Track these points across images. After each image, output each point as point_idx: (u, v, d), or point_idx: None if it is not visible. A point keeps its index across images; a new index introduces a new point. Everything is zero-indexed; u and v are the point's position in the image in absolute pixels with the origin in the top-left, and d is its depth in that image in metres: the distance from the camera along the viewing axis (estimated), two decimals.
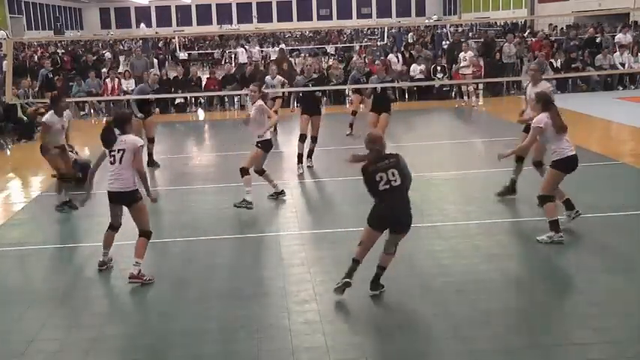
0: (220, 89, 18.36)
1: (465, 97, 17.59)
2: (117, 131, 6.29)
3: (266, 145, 8.40)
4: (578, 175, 7.55)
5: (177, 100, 18.42)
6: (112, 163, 6.18)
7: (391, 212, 5.53)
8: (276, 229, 7.65)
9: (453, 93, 18.94)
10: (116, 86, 18.55)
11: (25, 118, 14.78)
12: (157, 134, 15.85)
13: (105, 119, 17.52)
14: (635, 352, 4.66)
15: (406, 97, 19.27)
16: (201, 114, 18.52)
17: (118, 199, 6.26)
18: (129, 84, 18.72)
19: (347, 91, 17.99)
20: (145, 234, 6.21)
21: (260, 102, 8.43)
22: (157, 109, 12.14)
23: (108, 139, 6.20)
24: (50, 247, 7.39)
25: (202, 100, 18.98)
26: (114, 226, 6.46)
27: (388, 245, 5.71)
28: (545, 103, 6.84)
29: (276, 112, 14.38)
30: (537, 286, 5.80)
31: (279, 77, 14.49)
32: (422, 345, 4.79)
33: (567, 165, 6.77)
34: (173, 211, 8.57)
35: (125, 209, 6.36)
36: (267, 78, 14.13)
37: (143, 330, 5.27)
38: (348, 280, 5.58)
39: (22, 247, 7.50)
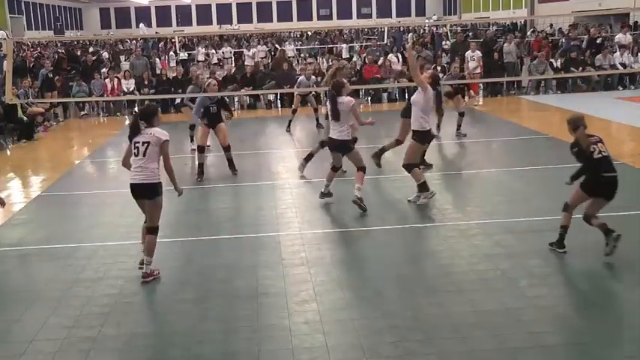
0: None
1: (466, 97, 17.53)
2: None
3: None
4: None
5: (177, 100, 18.41)
6: (135, 155, 6.14)
7: (609, 179, 6.25)
8: (276, 229, 7.64)
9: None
10: (116, 86, 18.55)
11: (25, 118, 14.79)
12: None
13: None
14: (635, 352, 4.66)
15: (406, 97, 19.26)
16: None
17: (140, 191, 6.19)
18: (129, 84, 18.75)
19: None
20: (153, 230, 6.24)
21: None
22: (230, 114, 11.30)
23: (133, 130, 6.21)
24: (50, 247, 7.38)
25: None
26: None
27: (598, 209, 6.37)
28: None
29: (317, 109, 15.07)
30: (537, 286, 5.79)
31: (313, 77, 15.49)
32: (422, 345, 4.79)
33: (425, 137, 8.42)
34: (173, 211, 8.56)
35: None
36: (302, 78, 14.84)
37: (143, 330, 5.26)
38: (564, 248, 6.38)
39: (22, 247, 7.50)
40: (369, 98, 19.24)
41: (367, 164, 8.66)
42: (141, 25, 49.27)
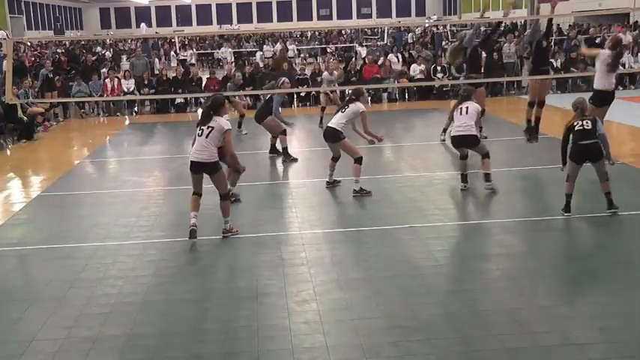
0: (220, 89, 18.36)
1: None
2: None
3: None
4: (578, 175, 7.60)
5: (178, 100, 18.44)
6: (199, 136, 7.05)
7: (583, 147, 7.25)
8: (276, 229, 7.64)
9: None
10: (116, 86, 18.56)
11: (25, 118, 14.78)
12: (158, 134, 15.96)
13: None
14: (635, 352, 4.66)
15: (406, 97, 19.29)
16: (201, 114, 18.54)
17: (199, 168, 7.12)
18: (129, 84, 18.76)
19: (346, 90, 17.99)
20: (224, 197, 7.23)
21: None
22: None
23: (203, 118, 7.18)
24: (50, 247, 7.38)
25: (202, 100, 18.99)
26: (197, 193, 7.27)
27: (599, 174, 7.38)
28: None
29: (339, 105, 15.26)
30: (537, 286, 5.80)
31: (336, 73, 16.01)
32: (422, 345, 4.79)
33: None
34: (173, 211, 8.58)
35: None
36: (326, 74, 15.42)
37: (143, 330, 5.26)
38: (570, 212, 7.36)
39: (22, 247, 7.50)
40: (369, 98, 19.24)
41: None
42: (142, 25, 49.25)
